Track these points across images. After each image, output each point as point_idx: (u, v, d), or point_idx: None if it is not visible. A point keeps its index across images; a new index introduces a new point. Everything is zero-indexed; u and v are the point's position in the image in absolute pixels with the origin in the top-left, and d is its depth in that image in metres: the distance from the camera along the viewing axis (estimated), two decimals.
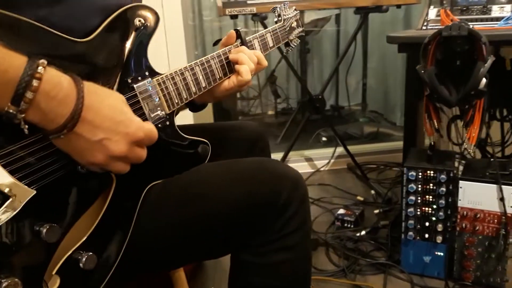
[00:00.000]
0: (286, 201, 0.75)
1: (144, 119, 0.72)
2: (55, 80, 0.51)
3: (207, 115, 2.83)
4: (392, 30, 2.68)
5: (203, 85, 0.85)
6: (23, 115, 0.49)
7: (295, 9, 1.18)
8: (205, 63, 0.85)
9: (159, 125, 0.74)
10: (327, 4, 1.89)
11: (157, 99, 0.74)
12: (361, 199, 2.05)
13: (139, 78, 0.72)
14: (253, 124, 1.13)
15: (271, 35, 1.05)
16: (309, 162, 2.54)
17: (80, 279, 0.61)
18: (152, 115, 0.73)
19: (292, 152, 2.52)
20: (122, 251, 0.67)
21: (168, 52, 2.12)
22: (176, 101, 0.78)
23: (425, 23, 1.53)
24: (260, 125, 1.15)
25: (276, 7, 1.12)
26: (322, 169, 2.50)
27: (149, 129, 0.62)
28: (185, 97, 0.80)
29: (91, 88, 0.55)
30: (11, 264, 0.52)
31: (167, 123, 0.77)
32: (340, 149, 2.46)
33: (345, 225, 1.80)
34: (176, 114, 0.82)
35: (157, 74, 0.76)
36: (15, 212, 0.51)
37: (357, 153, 2.39)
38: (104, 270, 0.64)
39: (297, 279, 0.81)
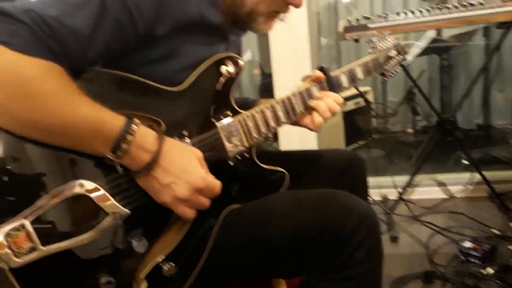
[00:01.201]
0: (351, 233, 0.78)
1: (224, 152, 0.84)
2: (144, 135, 0.67)
3: (336, 131, 2.88)
4: None
5: (283, 120, 0.93)
6: (118, 160, 0.66)
7: (396, 38, 1.17)
8: (286, 100, 0.93)
9: (239, 157, 0.86)
10: (456, 23, 1.77)
11: (238, 135, 0.86)
12: (497, 232, 1.83)
13: (222, 117, 0.85)
14: (346, 151, 1.17)
15: (361, 68, 1.07)
16: (442, 187, 2.35)
17: (163, 284, 0.75)
18: (233, 149, 0.85)
19: (424, 175, 2.39)
20: (200, 264, 0.80)
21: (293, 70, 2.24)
22: (255, 135, 0.89)
23: None
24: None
25: (372, 38, 1.13)
26: (457, 195, 2.30)
27: (211, 181, 0.73)
28: (264, 132, 0.90)
29: (170, 141, 0.71)
30: (108, 266, 0.69)
31: (247, 155, 0.88)
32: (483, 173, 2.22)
33: (471, 259, 1.64)
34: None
35: (239, 112, 0.88)
36: (114, 227, 0.69)
37: (503, 179, 2.13)
38: (182, 278, 0.78)
39: None
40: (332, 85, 1.01)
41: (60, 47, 0.62)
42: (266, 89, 3.46)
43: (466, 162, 2.59)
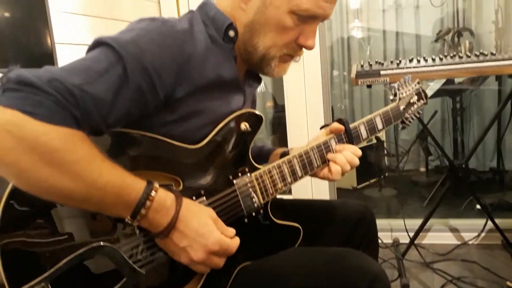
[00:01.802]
0: None
1: (240, 210, 0.86)
2: (162, 200, 0.69)
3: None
4: None
5: (299, 174, 0.94)
6: (137, 223, 0.69)
7: (418, 82, 1.17)
8: (303, 155, 0.94)
9: (253, 214, 0.88)
10: (469, 73, 1.79)
11: (254, 193, 0.88)
12: (511, 285, 1.79)
13: (240, 174, 0.87)
14: (356, 203, 1.16)
15: (380, 118, 1.07)
16: (455, 233, 2.32)
17: None
18: (248, 207, 0.87)
19: (436, 219, 2.36)
20: None
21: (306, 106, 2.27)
22: (271, 191, 0.90)
23: None
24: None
25: (394, 85, 1.13)
26: (470, 242, 2.26)
27: (225, 243, 0.74)
28: (280, 187, 0.91)
29: (186, 205, 0.73)
30: None
31: (261, 211, 0.90)
32: (496, 221, 2.19)
33: None
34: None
35: (256, 168, 0.89)
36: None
37: None
38: None
39: None
40: (351, 138, 1.01)
41: (83, 114, 0.64)
42: (279, 122, 3.50)
43: (479, 207, 2.57)
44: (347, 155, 0.96)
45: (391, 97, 1.14)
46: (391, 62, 1.96)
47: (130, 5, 2.12)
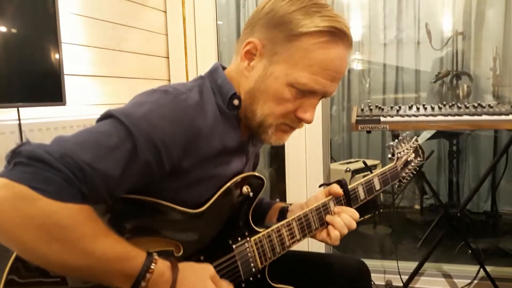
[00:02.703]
0: None
1: (239, 276, 0.87)
2: (161, 272, 0.70)
3: None
4: None
5: (298, 237, 0.95)
6: None
7: (416, 140, 1.20)
8: (302, 217, 0.96)
9: (251, 278, 0.89)
10: (466, 126, 1.83)
11: (252, 258, 0.89)
12: None
13: (239, 238, 0.88)
14: (352, 258, 1.17)
15: (378, 179, 1.09)
16: (448, 278, 2.33)
17: None
18: (246, 272, 0.88)
19: (430, 263, 2.36)
20: None
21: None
22: (269, 256, 0.91)
23: None
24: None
25: (392, 144, 1.15)
26: None
27: None
28: (278, 251, 0.93)
29: (183, 271, 0.73)
30: None
31: (259, 276, 0.91)
32: (489, 268, 2.19)
33: None
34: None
35: (255, 232, 0.90)
36: None
37: (509, 277, 2.10)
38: None
39: None
40: (349, 200, 1.02)
41: (90, 190, 0.65)
42: (276, 153, 3.52)
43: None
44: (345, 219, 0.97)
45: (389, 156, 1.16)
46: (391, 107, 2.00)
47: (138, 37, 2.16)
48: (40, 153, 0.62)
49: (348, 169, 3.08)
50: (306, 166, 2.31)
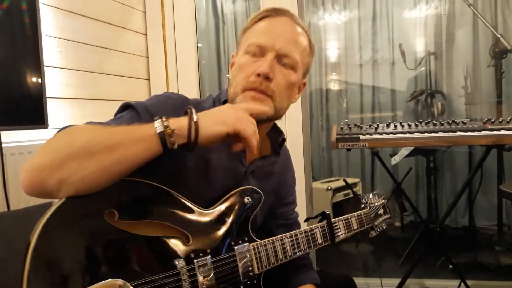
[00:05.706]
0: None
1: (237, 275, 0.90)
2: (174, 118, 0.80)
3: None
4: None
5: (289, 254, 1.01)
6: (174, 145, 0.77)
7: (383, 198, 1.32)
8: (293, 236, 1.03)
9: (248, 282, 0.92)
10: (442, 142, 1.89)
11: (250, 261, 0.93)
12: None
13: (240, 242, 0.93)
14: (341, 275, 1.23)
15: (355, 219, 1.20)
16: None
17: None
18: (244, 273, 0.91)
19: (412, 279, 2.39)
20: None
21: None
22: (265, 264, 0.96)
23: None
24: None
25: (364, 195, 1.27)
26: None
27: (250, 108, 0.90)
28: (272, 262, 0.97)
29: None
30: None
31: (255, 281, 0.94)
32: (470, 282, 2.24)
33: None
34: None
35: (254, 240, 0.96)
36: None
37: None
38: None
39: None
40: (332, 231, 1.11)
41: None
42: None
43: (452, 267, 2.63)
44: None
45: (362, 206, 1.27)
46: (369, 126, 2.06)
47: (119, 60, 2.17)
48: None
49: (329, 187, 3.12)
50: None
